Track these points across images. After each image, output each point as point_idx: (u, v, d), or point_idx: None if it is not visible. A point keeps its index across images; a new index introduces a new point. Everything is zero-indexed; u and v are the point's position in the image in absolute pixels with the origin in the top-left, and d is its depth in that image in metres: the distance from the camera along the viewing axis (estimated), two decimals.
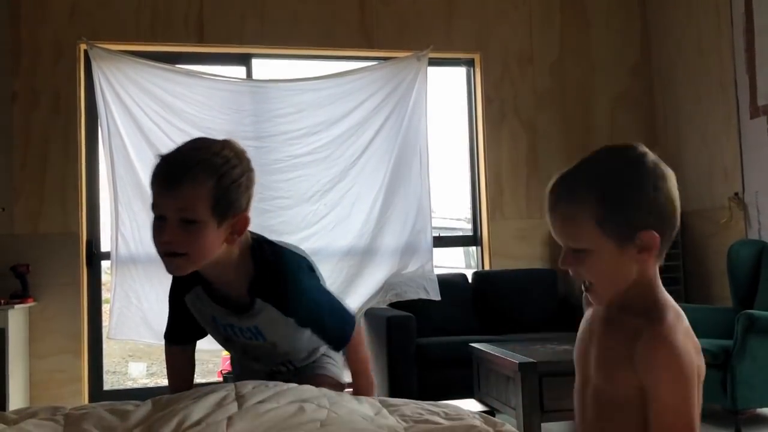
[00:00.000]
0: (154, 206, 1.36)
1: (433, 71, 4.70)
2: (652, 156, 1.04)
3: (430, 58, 4.62)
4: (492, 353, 3.10)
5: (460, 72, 5.05)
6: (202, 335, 1.69)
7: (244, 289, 1.47)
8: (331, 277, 4.39)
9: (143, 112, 4.19)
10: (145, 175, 4.13)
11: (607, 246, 1.01)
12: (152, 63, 4.24)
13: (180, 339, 1.69)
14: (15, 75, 4.17)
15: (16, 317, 3.75)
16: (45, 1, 4.24)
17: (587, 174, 1.06)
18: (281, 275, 1.48)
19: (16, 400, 3.52)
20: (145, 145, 4.17)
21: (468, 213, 5.08)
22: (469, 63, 4.98)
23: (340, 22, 4.64)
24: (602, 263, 1.02)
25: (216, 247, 1.37)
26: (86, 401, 4.03)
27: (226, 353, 2.87)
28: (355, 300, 4.38)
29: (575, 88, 5.04)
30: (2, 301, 3.61)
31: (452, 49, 4.85)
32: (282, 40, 4.57)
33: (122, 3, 4.35)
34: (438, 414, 1.32)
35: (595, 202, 1.01)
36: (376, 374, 4.10)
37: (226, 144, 1.42)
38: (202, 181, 1.32)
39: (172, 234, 1.32)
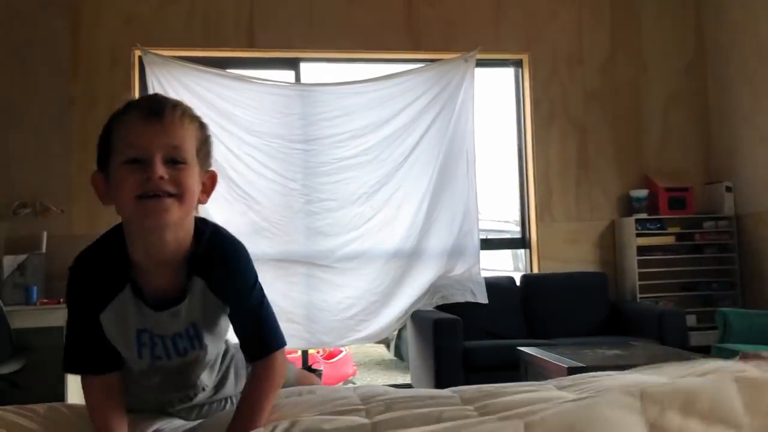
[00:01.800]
0: (130, 147, 1.16)
1: (480, 72, 4.67)
2: None
3: (477, 59, 4.60)
4: (540, 357, 3.06)
5: (508, 73, 5.00)
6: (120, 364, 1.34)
7: (180, 269, 1.26)
8: (377, 279, 4.40)
9: None
10: None
11: None
12: (203, 68, 4.33)
13: (110, 363, 1.31)
14: (73, 80, 4.31)
15: None
16: (102, 9, 4.38)
17: None
18: (224, 249, 1.31)
19: (74, 397, 3.62)
20: None
21: (516, 215, 5.03)
22: (517, 64, 4.94)
23: (387, 24, 4.66)
24: None
25: (196, 197, 1.22)
26: None
27: None
28: (401, 302, 4.38)
29: (626, 87, 4.94)
30: (61, 300, 3.73)
31: (500, 50, 4.81)
32: (330, 44, 4.61)
33: (175, 10, 4.45)
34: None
35: None
36: (422, 376, 4.09)
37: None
38: (190, 120, 1.22)
39: (162, 170, 1.14)
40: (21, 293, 3.85)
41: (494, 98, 5.11)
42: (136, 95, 4.32)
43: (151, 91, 4.22)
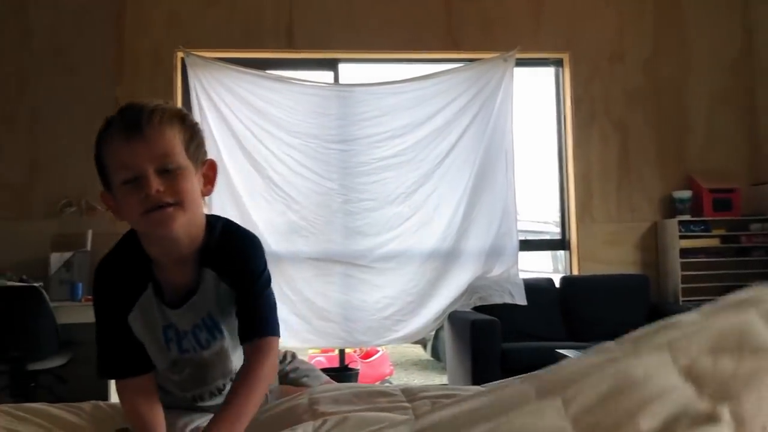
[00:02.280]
0: (123, 169, 1.19)
1: (519, 71, 4.63)
2: None
3: (516, 59, 4.56)
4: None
5: (548, 72, 4.95)
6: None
7: (194, 263, 1.31)
8: (414, 279, 4.40)
9: (235, 116, 4.34)
10: (238, 179, 4.28)
11: None
12: (244, 69, 4.38)
13: (142, 365, 1.35)
14: (118, 82, 4.40)
15: None
16: (145, 12, 4.47)
17: None
18: (234, 240, 1.34)
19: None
20: (238, 150, 4.32)
21: (556, 216, 4.97)
22: (558, 63, 4.88)
23: (426, 25, 4.65)
24: None
25: (198, 195, 1.26)
26: None
27: None
28: (438, 302, 4.37)
29: (669, 86, 4.84)
30: None
31: (540, 49, 4.76)
32: (369, 45, 4.62)
33: (216, 12, 4.51)
34: None
35: None
36: (459, 377, 4.08)
37: (165, 101, 1.32)
38: (170, 125, 1.21)
39: (157, 183, 1.17)
40: (67, 289, 3.95)
41: (533, 98, 5.07)
42: (179, 96, 4.41)
43: (193, 93, 4.30)
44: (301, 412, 1.31)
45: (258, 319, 1.32)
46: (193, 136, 1.26)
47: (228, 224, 1.36)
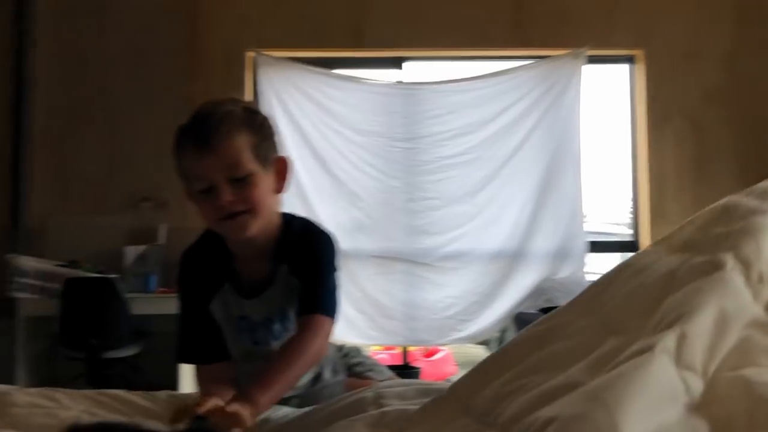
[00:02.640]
0: (197, 179, 1.27)
1: (590, 69, 4.52)
2: None
3: (587, 56, 4.45)
4: None
5: (621, 69, 4.81)
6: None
7: (270, 258, 1.37)
8: (479, 279, 4.37)
9: (304, 115, 4.41)
10: (304, 176, 4.34)
11: None
12: (312, 68, 4.44)
13: (220, 353, 1.41)
14: (192, 82, 4.53)
15: None
16: (218, 12, 4.58)
17: None
18: (311, 239, 1.38)
19: (187, 381, 3.81)
20: (305, 147, 4.38)
21: (627, 218, 4.84)
22: (630, 60, 4.73)
23: (494, 22, 4.59)
24: None
25: (270, 196, 1.31)
26: None
27: None
28: (503, 303, 4.32)
29: (751, 84, 4.62)
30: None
31: (612, 46, 4.63)
32: (435, 42, 4.60)
33: (287, 11, 4.58)
34: None
35: None
36: None
37: (238, 99, 1.38)
38: (237, 133, 1.26)
39: (228, 194, 1.24)
40: (141, 281, 4.09)
41: (604, 96, 4.94)
42: (249, 95, 4.50)
43: (262, 92, 4.38)
44: (367, 404, 1.32)
45: (314, 297, 1.34)
46: (263, 138, 1.30)
47: (307, 224, 1.42)
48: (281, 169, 1.35)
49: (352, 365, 1.75)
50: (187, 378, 3.79)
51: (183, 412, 1.06)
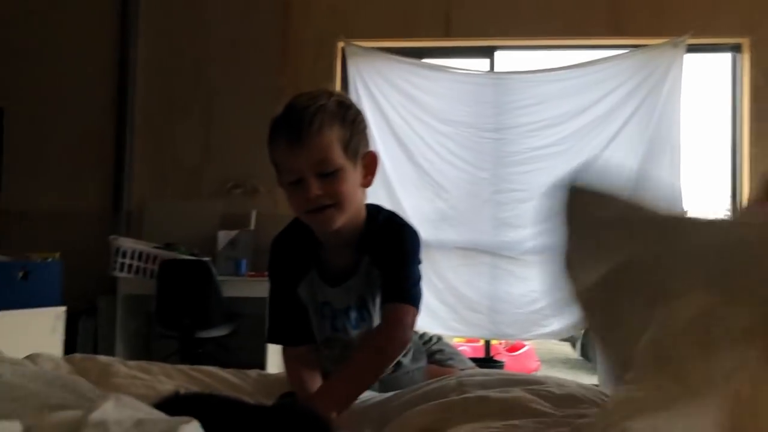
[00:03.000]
0: (287, 172, 1.32)
1: (691, 59, 4.31)
2: None
3: (688, 45, 4.25)
4: None
5: (724, 59, 4.57)
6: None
7: (354, 249, 1.40)
8: None
9: (392, 106, 4.42)
10: (390, 166, 4.36)
11: None
12: (401, 58, 4.45)
13: (306, 336, 1.46)
14: (283, 73, 4.63)
15: None
16: (310, 3, 4.66)
17: None
18: (395, 232, 1.41)
19: (273, 362, 3.92)
20: (391, 137, 4.40)
21: (726, 213, 4.61)
22: (735, 48, 4.48)
23: (589, 10, 4.45)
24: None
25: (357, 190, 1.35)
26: None
27: None
28: None
29: None
30: (266, 273, 4.04)
31: (715, 34, 4.40)
32: (527, 31, 4.51)
33: (377, 2, 4.61)
34: None
35: None
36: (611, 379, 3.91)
37: (331, 91, 1.39)
38: (329, 128, 1.28)
39: (316, 188, 1.28)
40: (232, 265, 4.23)
41: (706, 87, 4.71)
42: (338, 85, 4.56)
43: (352, 82, 4.44)
44: (449, 391, 1.32)
45: (398, 286, 1.37)
46: (353, 133, 1.33)
47: (391, 216, 1.45)
48: (370, 163, 1.38)
49: (433, 353, 1.76)
50: (274, 359, 3.90)
51: None
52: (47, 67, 4.77)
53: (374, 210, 1.44)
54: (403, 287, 1.37)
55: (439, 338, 1.89)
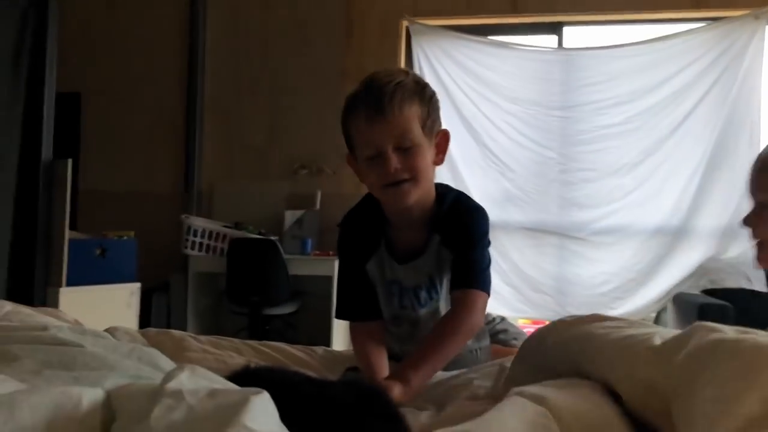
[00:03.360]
0: (366, 146, 1.33)
1: None
2: None
3: None
4: None
5: None
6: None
7: (424, 228, 1.41)
8: (636, 256, 4.16)
9: (456, 85, 4.38)
10: (454, 146, 4.32)
11: None
12: (466, 36, 4.39)
13: (374, 312, 1.47)
14: (346, 54, 4.64)
15: None
16: None
17: None
18: (464, 212, 1.42)
19: (338, 340, 3.99)
20: (456, 117, 4.36)
21: None
22: None
23: None
24: None
25: (430, 167, 1.36)
26: None
27: None
28: (663, 282, 4.10)
29: None
30: (331, 253, 4.11)
31: None
32: (596, 6, 4.37)
33: None
34: None
35: None
36: None
37: (408, 71, 1.39)
38: (409, 104, 1.30)
39: (396, 161, 1.29)
40: (298, 244, 4.30)
41: None
42: (402, 65, 4.54)
43: (416, 62, 4.42)
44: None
45: (469, 271, 1.38)
46: (430, 111, 1.34)
47: (460, 196, 1.45)
48: (442, 142, 1.39)
49: (497, 332, 1.76)
50: (339, 336, 3.97)
51: None
52: (120, 53, 4.93)
53: (444, 189, 1.45)
54: (474, 272, 1.38)
55: (503, 319, 1.89)
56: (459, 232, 1.39)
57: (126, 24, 4.94)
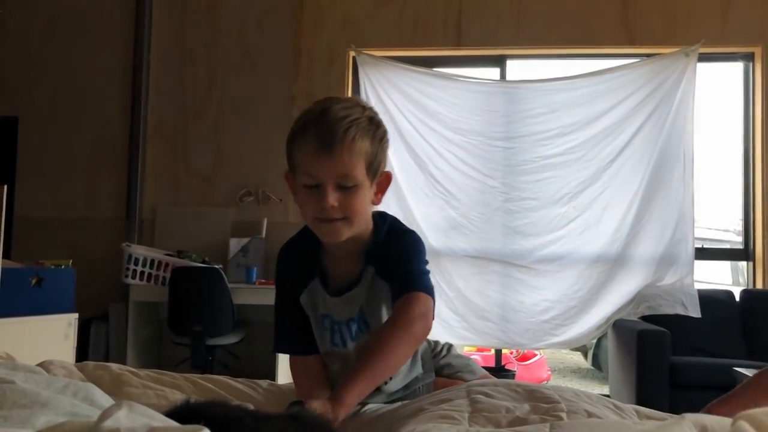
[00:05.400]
0: (307, 175, 1.29)
1: (703, 68, 4.30)
2: None
3: (700, 53, 4.24)
4: None
5: (736, 68, 4.55)
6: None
7: (358, 259, 1.38)
8: (577, 283, 4.25)
9: (402, 114, 4.44)
10: (400, 174, 4.37)
11: None
12: (412, 67, 4.47)
13: (312, 345, 1.44)
14: (295, 80, 4.66)
15: None
16: (322, 12, 4.69)
17: None
18: (398, 240, 1.38)
19: (283, 371, 3.93)
20: (402, 146, 4.41)
21: (738, 224, 4.57)
22: (748, 57, 4.47)
23: (600, 18, 4.45)
24: None
25: (368, 206, 1.34)
26: None
27: None
28: (602, 309, 4.20)
29: None
30: None
31: (727, 43, 4.39)
32: (538, 40, 4.52)
33: (387, 11, 4.63)
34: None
35: None
36: (622, 390, 3.88)
37: (364, 104, 1.35)
38: (360, 144, 1.27)
39: (334, 199, 1.26)
40: (243, 272, 4.25)
41: (717, 96, 4.69)
42: (350, 94, 4.58)
43: (362, 90, 4.46)
44: (456, 398, 1.32)
45: (409, 279, 1.33)
46: (378, 153, 1.32)
47: (393, 225, 1.42)
48: (383, 182, 1.38)
49: (441, 367, 1.74)
50: (285, 366, 3.90)
51: None
52: (60, 76, 4.83)
53: (380, 220, 1.42)
54: (413, 278, 1.33)
55: (450, 348, 1.86)
56: (394, 255, 1.36)
57: (66, 46, 4.84)
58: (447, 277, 4.29)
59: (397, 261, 1.35)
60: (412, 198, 4.41)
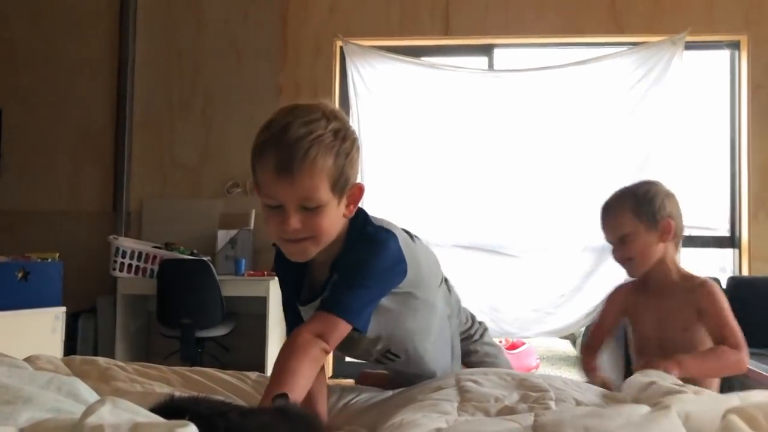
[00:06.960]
0: (268, 196, 1.23)
1: (689, 56, 4.31)
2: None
3: (686, 42, 4.25)
4: (750, 368, 2.78)
5: (722, 56, 4.56)
6: None
7: (327, 268, 1.36)
8: (566, 272, 4.26)
9: (390, 103, 4.42)
10: (387, 165, 4.36)
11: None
12: (399, 57, 4.45)
13: None
14: (281, 70, 4.63)
15: (276, 288, 4.18)
16: (308, 2, 4.65)
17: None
18: (361, 250, 1.32)
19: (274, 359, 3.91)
20: (390, 136, 4.40)
21: (725, 212, 4.60)
22: (734, 46, 4.48)
23: (587, 7, 4.45)
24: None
25: (337, 223, 1.29)
26: (331, 371, 4.38)
27: None
28: (591, 297, 4.21)
29: None
30: (266, 273, 4.06)
31: (713, 31, 4.40)
32: (526, 29, 4.51)
33: (374, 1, 4.60)
34: None
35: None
36: (611, 376, 3.91)
37: (329, 113, 1.25)
38: (320, 166, 1.19)
39: (296, 221, 1.22)
40: (231, 264, 4.24)
41: (704, 84, 4.70)
42: (337, 83, 4.56)
43: (350, 80, 4.44)
44: (446, 387, 1.33)
45: (338, 298, 1.27)
46: (344, 169, 1.24)
47: (362, 231, 1.36)
48: (354, 195, 1.31)
49: (469, 352, 1.74)
50: (274, 356, 3.90)
51: None
52: (45, 67, 4.77)
53: (352, 226, 1.36)
54: (344, 300, 1.27)
55: (483, 333, 1.82)
56: (350, 263, 1.31)
57: (51, 37, 4.79)
58: None
59: (350, 269, 1.31)
60: (399, 191, 4.40)
